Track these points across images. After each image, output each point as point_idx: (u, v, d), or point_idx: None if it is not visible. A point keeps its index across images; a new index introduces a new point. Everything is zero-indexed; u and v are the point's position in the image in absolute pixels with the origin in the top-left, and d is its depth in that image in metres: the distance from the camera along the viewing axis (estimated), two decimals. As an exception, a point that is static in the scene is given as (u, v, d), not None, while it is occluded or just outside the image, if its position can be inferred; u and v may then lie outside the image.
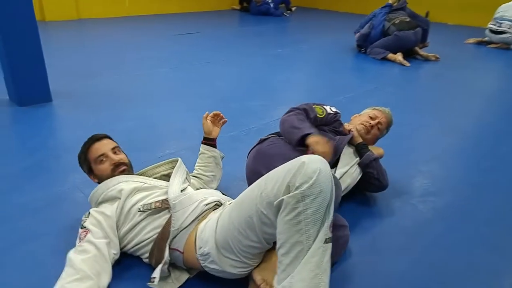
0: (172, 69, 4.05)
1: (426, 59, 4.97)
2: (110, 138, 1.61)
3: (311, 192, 1.03)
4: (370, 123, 1.93)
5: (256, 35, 6.37)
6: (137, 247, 1.37)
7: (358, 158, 1.82)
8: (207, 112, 1.79)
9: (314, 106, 1.87)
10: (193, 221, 1.32)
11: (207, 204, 1.38)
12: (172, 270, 1.35)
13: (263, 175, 1.19)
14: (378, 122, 1.95)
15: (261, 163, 1.65)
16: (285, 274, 1.05)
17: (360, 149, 1.84)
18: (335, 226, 1.51)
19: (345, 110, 2.06)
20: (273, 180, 1.10)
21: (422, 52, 5.02)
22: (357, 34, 5.22)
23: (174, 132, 2.57)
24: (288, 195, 1.04)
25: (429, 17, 7.05)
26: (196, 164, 1.82)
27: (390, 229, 1.71)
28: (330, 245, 1.07)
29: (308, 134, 1.61)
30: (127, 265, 1.40)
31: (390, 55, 4.82)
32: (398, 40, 4.82)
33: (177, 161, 1.60)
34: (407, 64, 4.66)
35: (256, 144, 1.80)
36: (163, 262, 1.25)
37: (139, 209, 1.36)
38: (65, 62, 4.10)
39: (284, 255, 1.06)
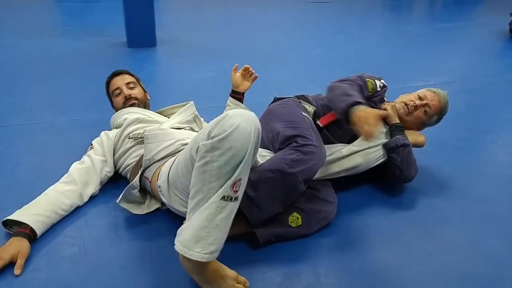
0: (281, 33, 4.09)
1: None
2: (130, 74, 1.78)
3: (221, 146, 1.00)
4: (415, 103, 1.67)
5: (392, 8, 5.85)
6: (125, 170, 1.54)
7: (386, 140, 1.62)
8: (236, 64, 1.80)
9: (367, 80, 1.68)
10: (166, 156, 1.40)
11: (184, 144, 1.43)
12: (149, 198, 1.48)
13: (262, 133, 1.17)
14: (426, 104, 1.67)
15: (263, 122, 1.60)
16: (188, 217, 1.06)
17: (391, 130, 1.63)
18: (317, 199, 1.43)
19: (456, 101, 1.80)
20: (206, 127, 1.09)
21: None
22: (512, 16, 4.34)
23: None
24: (202, 142, 1.03)
25: None
26: (222, 116, 1.88)
27: (395, 223, 1.50)
28: (230, 204, 1.03)
29: (357, 103, 1.45)
30: (121, 184, 1.56)
31: (549, 44, 3.90)
32: None
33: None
34: None
35: (271, 103, 1.75)
36: (129, 185, 1.37)
37: (129, 136, 1.51)
38: (186, 16, 4.50)
39: (190, 199, 1.07)
